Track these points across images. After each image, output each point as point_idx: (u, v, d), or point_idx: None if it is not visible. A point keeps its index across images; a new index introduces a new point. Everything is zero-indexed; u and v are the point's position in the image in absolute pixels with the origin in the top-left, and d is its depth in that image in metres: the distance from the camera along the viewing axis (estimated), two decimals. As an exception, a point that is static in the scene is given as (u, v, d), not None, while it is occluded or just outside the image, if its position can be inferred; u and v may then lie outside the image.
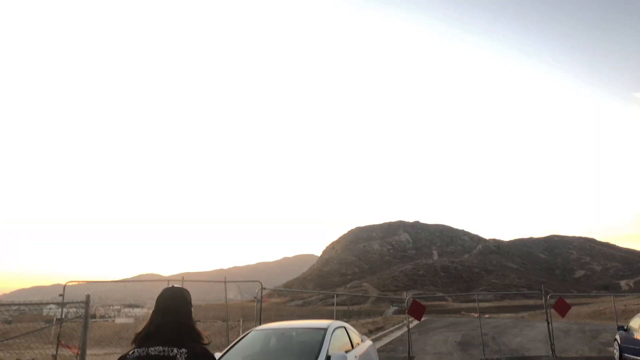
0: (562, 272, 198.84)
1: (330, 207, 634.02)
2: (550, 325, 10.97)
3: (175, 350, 2.17)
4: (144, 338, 2.25)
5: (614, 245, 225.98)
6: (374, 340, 17.02)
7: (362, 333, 18.53)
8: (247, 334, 5.66)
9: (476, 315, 39.87)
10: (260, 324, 10.12)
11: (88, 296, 6.20)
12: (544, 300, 11.23)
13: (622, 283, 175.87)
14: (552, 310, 11.26)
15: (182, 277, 10.54)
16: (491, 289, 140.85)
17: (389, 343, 15.90)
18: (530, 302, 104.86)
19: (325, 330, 5.27)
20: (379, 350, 13.77)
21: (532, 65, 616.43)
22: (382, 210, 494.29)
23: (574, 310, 44.58)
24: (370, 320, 26.67)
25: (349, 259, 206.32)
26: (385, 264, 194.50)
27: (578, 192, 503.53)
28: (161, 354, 2.16)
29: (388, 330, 20.42)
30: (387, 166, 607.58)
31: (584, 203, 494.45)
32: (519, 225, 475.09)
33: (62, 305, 10.83)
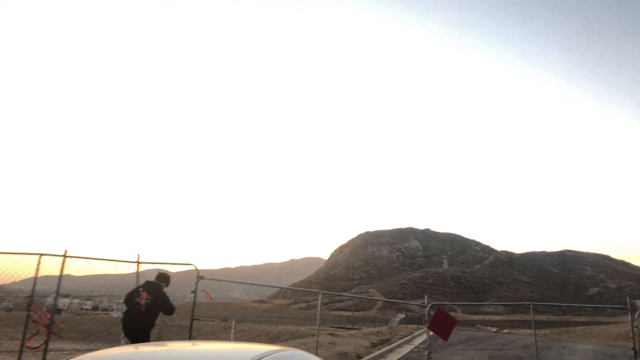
0: (575, 288, 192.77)
1: (340, 210, 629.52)
2: (638, 357, 7.41)
3: None
4: None
5: (630, 264, 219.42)
6: (378, 358, 13.54)
7: (364, 346, 15.03)
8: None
9: (494, 329, 36.29)
10: (190, 333, 6.75)
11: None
12: (630, 318, 7.70)
13: (638, 303, 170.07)
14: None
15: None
16: (503, 302, 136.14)
17: (397, 363, 12.34)
18: (544, 317, 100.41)
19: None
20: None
21: (551, 76, 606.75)
22: (392, 216, 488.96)
23: (603, 330, 40.54)
24: (374, 330, 23.17)
25: (357, 263, 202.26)
26: (394, 270, 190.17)
27: (593, 207, 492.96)
28: None
29: (395, 343, 16.86)
30: (399, 172, 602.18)
31: (599, 219, 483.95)
32: (531, 238, 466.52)
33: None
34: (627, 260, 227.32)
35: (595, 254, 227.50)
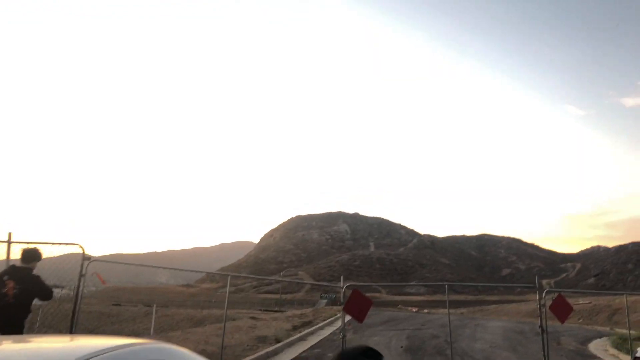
0: (490, 269, 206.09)
1: (272, 195, 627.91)
2: (545, 334, 7.57)
3: None
4: None
5: (538, 246, 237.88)
6: (298, 341, 13.26)
7: (285, 329, 14.71)
8: None
9: (414, 309, 37.59)
10: (73, 325, 5.90)
11: None
12: (538, 297, 7.83)
13: (544, 282, 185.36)
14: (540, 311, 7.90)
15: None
16: (424, 283, 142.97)
17: (316, 346, 12.13)
18: (462, 297, 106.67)
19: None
20: (300, 358, 9.99)
21: (472, 66, 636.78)
22: (323, 200, 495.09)
23: (513, 307, 43.31)
24: (298, 312, 23.00)
25: (287, 247, 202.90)
26: (323, 253, 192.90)
27: (509, 193, 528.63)
28: None
29: (317, 326, 16.73)
30: (330, 156, 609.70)
31: (513, 204, 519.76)
32: (452, 223, 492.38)
33: None
34: (536, 243, 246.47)
35: (508, 238, 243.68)
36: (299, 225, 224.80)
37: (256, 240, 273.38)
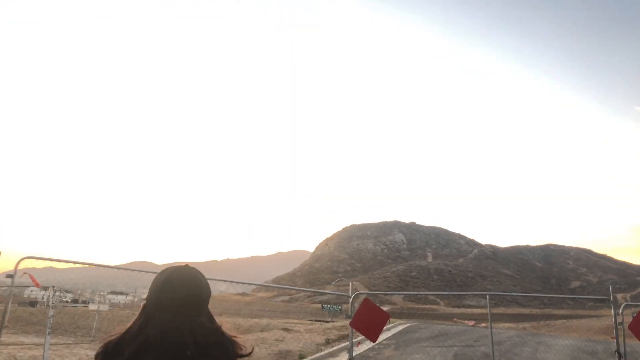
0: (557, 281, 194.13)
1: (328, 204, 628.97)
2: (622, 357, 5.86)
3: None
4: (135, 353, 1.15)
5: (611, 258, 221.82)
6: (327, 357, 11.93)
7: (316, 343, 13.38)
8: None
9: (471, 323, 34.99)
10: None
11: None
12: (613, 312, 6.13)
13: (619, 296, 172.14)
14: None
15: None
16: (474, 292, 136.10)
17: (346, 363, 10.67)
18: (526, 310, 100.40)
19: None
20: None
21: (535, 74, 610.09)
22: (378, 209, 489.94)
23: (584, 323, 39.50)
24: (339, 324, 21.56)
25: (342, 256, 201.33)
26: (378, 263, 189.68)
27: (576, 202, 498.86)
28: None
29: (356, 339, 15.21)
30: (385, 165, 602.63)
31: (581, 214, 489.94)
32: (515, 233, 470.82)
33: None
34: (608, 254, 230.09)
35: (577, 248, 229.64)
36: (354, 235, 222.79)
37: (312, 249, 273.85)
